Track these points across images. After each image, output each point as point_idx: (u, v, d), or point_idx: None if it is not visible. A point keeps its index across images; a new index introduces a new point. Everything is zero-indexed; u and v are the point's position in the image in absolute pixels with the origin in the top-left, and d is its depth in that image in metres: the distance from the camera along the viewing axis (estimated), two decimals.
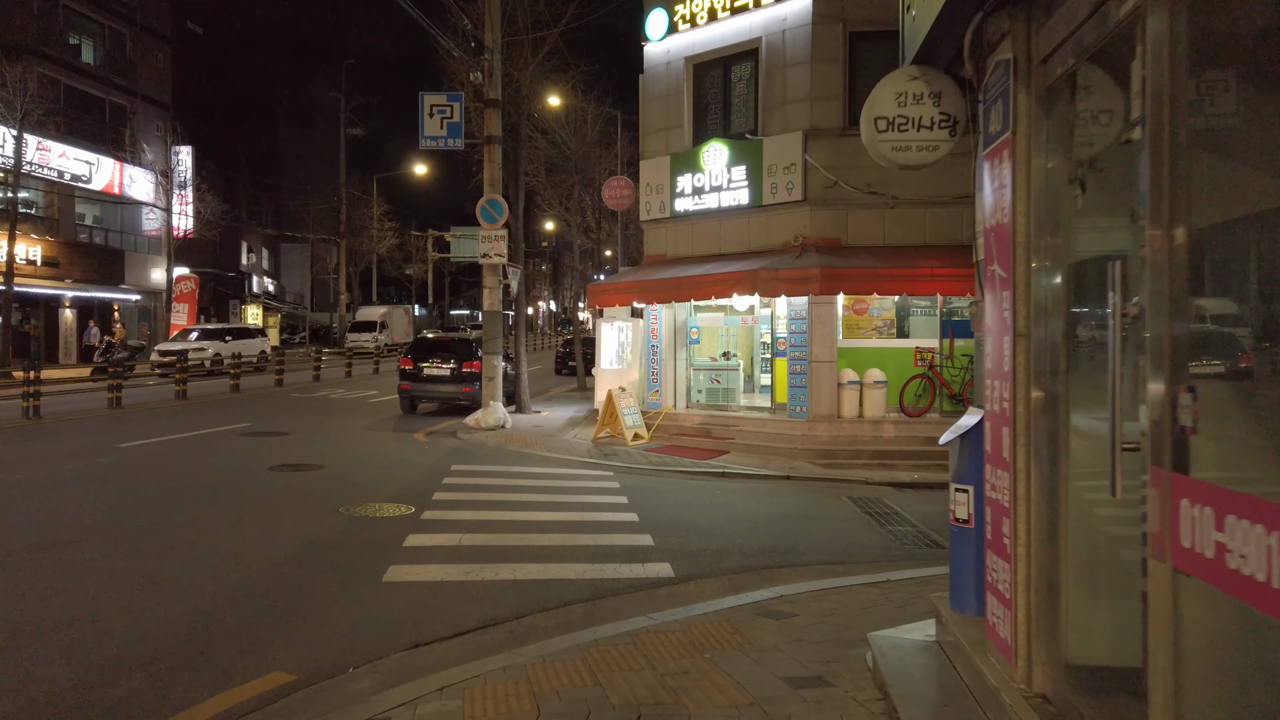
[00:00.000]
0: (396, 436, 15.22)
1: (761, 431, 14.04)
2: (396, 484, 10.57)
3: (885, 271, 12.59)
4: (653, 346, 15.89)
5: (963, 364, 13.82)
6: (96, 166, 32.06)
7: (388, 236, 51.28)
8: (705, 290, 13.66)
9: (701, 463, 12.88)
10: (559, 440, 14.91)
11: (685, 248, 15.60)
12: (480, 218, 16.21)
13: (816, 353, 13.69)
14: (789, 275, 12.81)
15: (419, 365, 18.62)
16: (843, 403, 13.80)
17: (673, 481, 11.63)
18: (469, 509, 9.18)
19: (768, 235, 14.36)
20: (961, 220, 13.65)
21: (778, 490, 11.33)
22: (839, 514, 9.84)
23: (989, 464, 3.97)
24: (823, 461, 13.00)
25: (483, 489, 10.43)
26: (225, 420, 16.68)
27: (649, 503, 9.91)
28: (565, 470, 12.20)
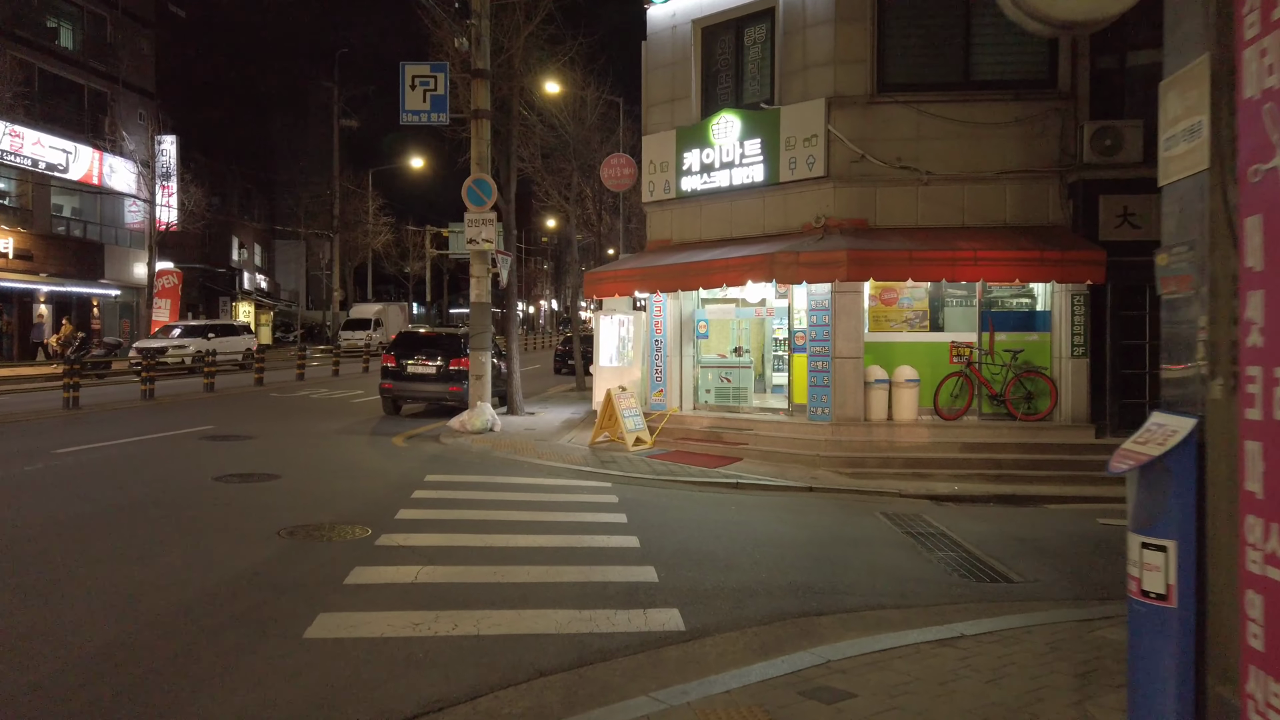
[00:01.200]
0: (372, 441, 13.72)
1: (778, 436, 12.52)
2: (358, 499, 9.07)
3: (921, 255, 11.06)
4: (656, 342, 14.38)
5: (1004, 360, 12.30)
6: (74, 155, 30.60)
7: (383, 231, 49.79)
8: (716, 277, 12.15)
9: (711, 471, 11.37)
10: (552, 445, 13.40)
11: (693, 232, 14.08)
12: (466, 199, 14.70)
13: (840, 348, 12.17)
14: (811, 259, 11.29)
15: (402, 362, 17.12)
16: (870, 404, 12.28)
17: (679, 494, 10.12)
18: (436, 531, 7.67)
19: (785, 216, 12.84)
20: (1004, 198, 12.13)
21: (800, 505, 9.81)
22: (877, 536, 8.32)
23: (1255, 514, 2.32)
24: (849, 471, 11.47)
25: (457, 504, 8.92)
26: (188, 423, 15.19)
27: (652, 522, 8.39)
28: (556, 481, 10.69)
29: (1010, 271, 11.03)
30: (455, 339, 17.29)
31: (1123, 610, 5.82)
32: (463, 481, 10.31)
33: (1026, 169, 12.04)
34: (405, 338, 17.92)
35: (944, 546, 7.95)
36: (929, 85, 12.18)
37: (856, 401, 12.15)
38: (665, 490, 10.37)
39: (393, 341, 18.15)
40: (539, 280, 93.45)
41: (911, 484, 10.99)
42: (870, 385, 12.28)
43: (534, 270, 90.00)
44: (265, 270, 53.68)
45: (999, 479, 11.18)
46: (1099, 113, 11.86)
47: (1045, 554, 7.82)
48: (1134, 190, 11.66)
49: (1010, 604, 6.13)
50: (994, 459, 11.53)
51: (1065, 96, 11.97)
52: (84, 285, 31.60)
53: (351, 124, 44.53)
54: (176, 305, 33.53)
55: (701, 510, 9.18)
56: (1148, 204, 11.64)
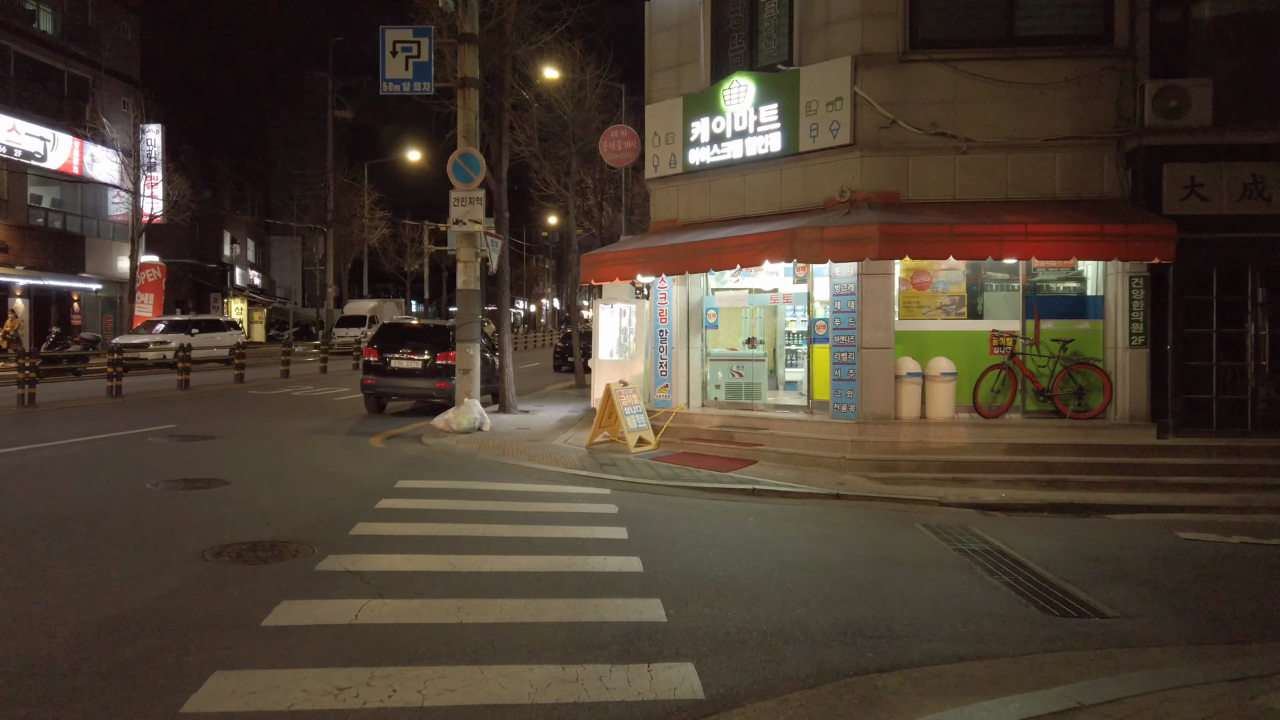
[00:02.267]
0: (346, 442, 12.39)
1: (797, 436, 11.17)
2: (312, 509, 7.74)
3: (965, 229, 9.71)
4: (661, 332, 13.04)
5: (1052, 351, 10.94)
6: (53, 143, 29.29)
7: (379, 226, 48.45)
8: (728, 257, 10.79)
9: (723, 476, 10.03)
10: (545, 446, 12.06)
11: (701, 210, 12.72)
12: (452, 175, 13.37)
13: (868, 337, 10.82)
14: (837, 235, 9.94)
15: (385, 357, 15.81)
16: (901, 400, 10.93)
17: (687, 503, 8.78)
18: (395, 550, 6.33)
19: (805, 190, 11.48)
20: (1053, 169, 10.77)
21: (829, 515, 8.47)
22: (924, 555, 6.97)
23: None
24: (879, 475, 10.12)
25: (427, 516, 7.57)
26: (149, 422, 13.87)
27: (657, 538, 7.04)
28: (547, 487, 9.35)
29: (1066, 248, 9.66)
30: (443, 331, 15.96)
31: (1274, 664, 4.48)
32: (438, 488, 8.97)
33: (1078, 135, 10.67)
34: (389, 330, 16.58)
35: (1007, 568, 6.61)
36: (968, 41, 10.81)
37: (886, 397, 10.80)
38: (671, 498, 9.03)
39: (375, 334, 16.83)
40: (541, 278, 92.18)
41: (952, 490, 9.64)
42: (901, 379, 10.93)
43: (535, 268, 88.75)
44: (260, 267, 52.42)
45: (1051, 485, 9.83)
46: (1161, 71, 10.50)
47: (1130, 578, 6.47)
48: (1202, 158, 10.31)
49: (1117, 651, 4.78)
50: (1044, 462, 10.18)
51: (1122, 53, 10.61)
52: (63, 279, 30.29)
53: (346, 115, 43.18)
54: (160, 300, 32.23)
55: (715, 523, 7.84)
56: (1218, 173, 10.29)
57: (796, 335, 15.12)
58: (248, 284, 48.53)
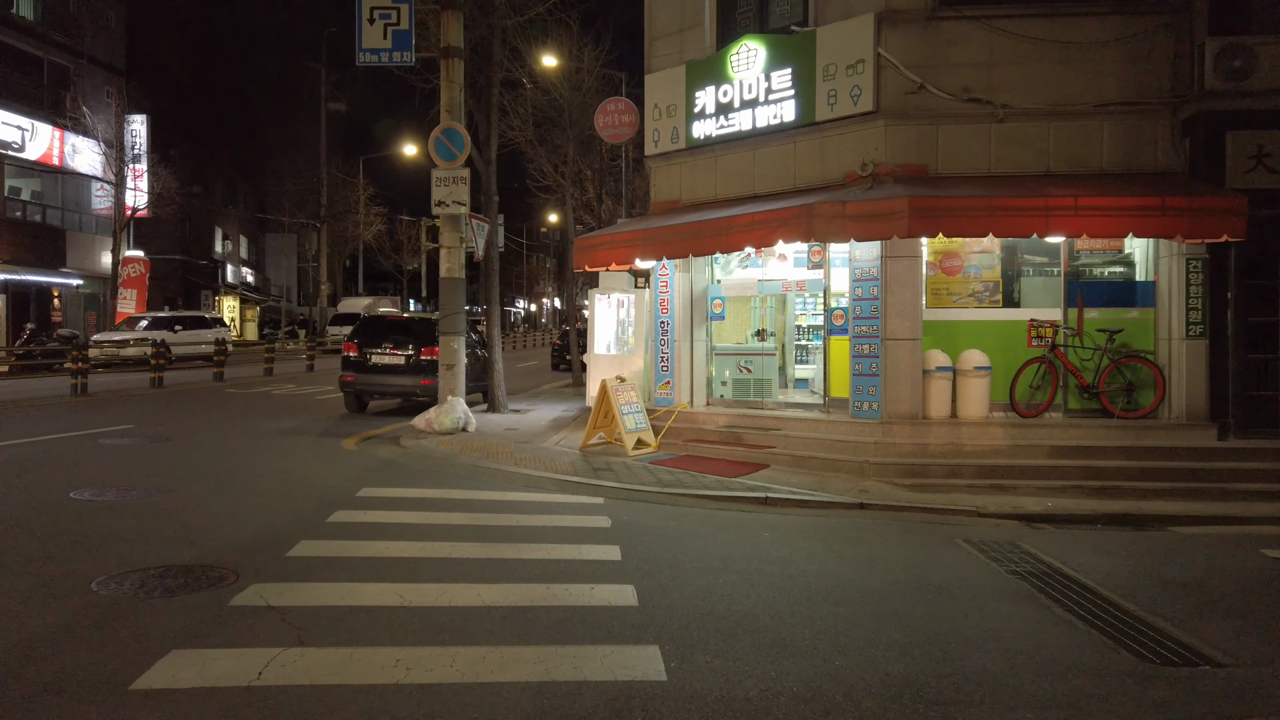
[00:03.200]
0: (316, 444, 11.26)
1: (813, 438, 10.03)
2: (252, 523, 6.61)
3: (1005, 202, 8.56)
4: (661, 324, 11.90)
5: (1098, 343, 9.80)
6: (31, 133, 28.20)
7: (375, 222, 47.30)
8: (737, 237, 9.64)
9: (731, 482, 8.90)
10: (534, 449, 10.93)
11: (705, 189, 11.58)
12: (434, 152, 12.23)
13: (893, 327, 9.68)
14: (861, 210, 8.80)
15: (366, 352, 14.68)
16: (929, 397, 9.79)
17: (692, 515, 7.63)
18: (337, 576, 5.20)
19: (822, 165, 10.35)
20: (1100, 138, 9.62)
21: (854, 529, 7.33)
22: (976, 579, 5.82)
23: None
24: (907, 482, 8.98)
25: (385, 532, 6.43)
26: (105, 422, 12.76)
27: (657, 559, 5.91)
28: (532, 496, 8.22)
29: (1122, 224, 8.52)
30: (429, 325, 14.83)
31: None
32: (406, 498, 7.83)
33: (1129, 101, 9.53)
34: (371, 323, 15.45)
35: (1077, 596, 5.47)
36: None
37: (913, 394, 9.66)
38: (673, 508, 7.89)
39: (355, 327, 15.70)
40: (542, 277, 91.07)
41: (991, 499, 8.51)
42: (930, 374, 9.80)
43: (536, 267, 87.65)
44: (254, 264, 51.32)
45: (1102, 493, 8.69)
46: (1221, 27, 9.34)
47: (1223, 608, 5.33)
48: (1271, 125, 9.16)
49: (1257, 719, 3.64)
50: (1093, 467, 9.03)
51: (1177, 8, 9.46)
52: (43, 274, 29.17)
53: (340, 107, 42.14)
54: (144, 295, 31.11)
55: (724, 539, 6.69)
56: None
57: (808, 330, 14.01)
58: (240, 281, 47.43)
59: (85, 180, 31.14)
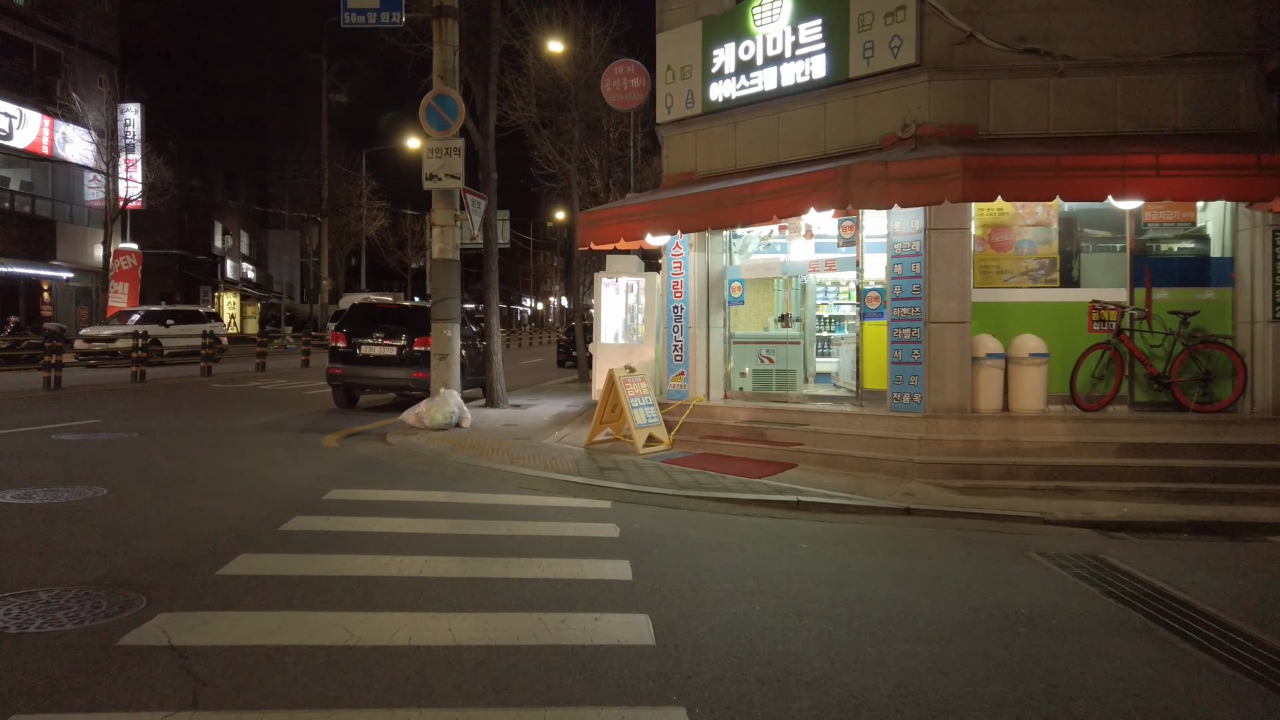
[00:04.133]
0: (294, 440, 10.20)
1: (847, 434, 8.90)
2: (192, 530, 5.52)
3: (1074, 161, 7.43)
4: (675, 309, 10.80)
5: (1169, 326, 8.66)
6: (19, 120, 27.26)
7: (378, 217, 46.26)
8: (762, 206, 8.52)
9: (755, 484, 7.80)
10: (534, 446, 9.83)
11: (724, 158, 10.46)
12: (425, 121, 11.15)
13: (937, 308, 8.56)
14: (906, 172, 7.67)
15: (355, 342, 13.61)
16: (979, 388, 8.67)
17: (714, 522, 6.52)
18: (271, 602, 4.11)
19: (856, 127, 9.22)
20: (1174, 94, 8.48)
21: (906, 539, 6.21)
22: (1073, 605, 4.70)
23: None
24: (958, 484, 7.86)
25: (347, 544, 5.33)
26: (69, 417, 11.73)
27: (675, 579, 4.80)
28: (528, 499, 7.12)
29: (1210, 185, 7.36)
30: (423, 313, 13.72)
31: None
32: (380, 501, 6.75)
33: (1207, 51, 8.38)
34: (360, 311, 14.37)
35: (1201, 628, 4.35)
36: None
37: (961, 384, 8.54)
38: (692, 513, 6.78)
39: (344, 315, 14.63)
40: (548, 275, 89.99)
41: (1057, 504, 7.38)
42: (979, 362, 8.67)
43: (543, 265, 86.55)
44: (255, 261, 50.38)
45: (1184, 497, 7.55)
46: None
47: None
48: None
49: None
50: (1170, 467, 7.89)
51: None
52: (32, 266, 28.23)
53: (341, 99, 41.14)
54: (136, 289, 30.10)
55: (755, 552, 5.58)
56: None
57: (829, 320, 12.94)
58: (241, 278, 46.47)
59: (77, 171, 30.20)
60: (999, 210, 9.07)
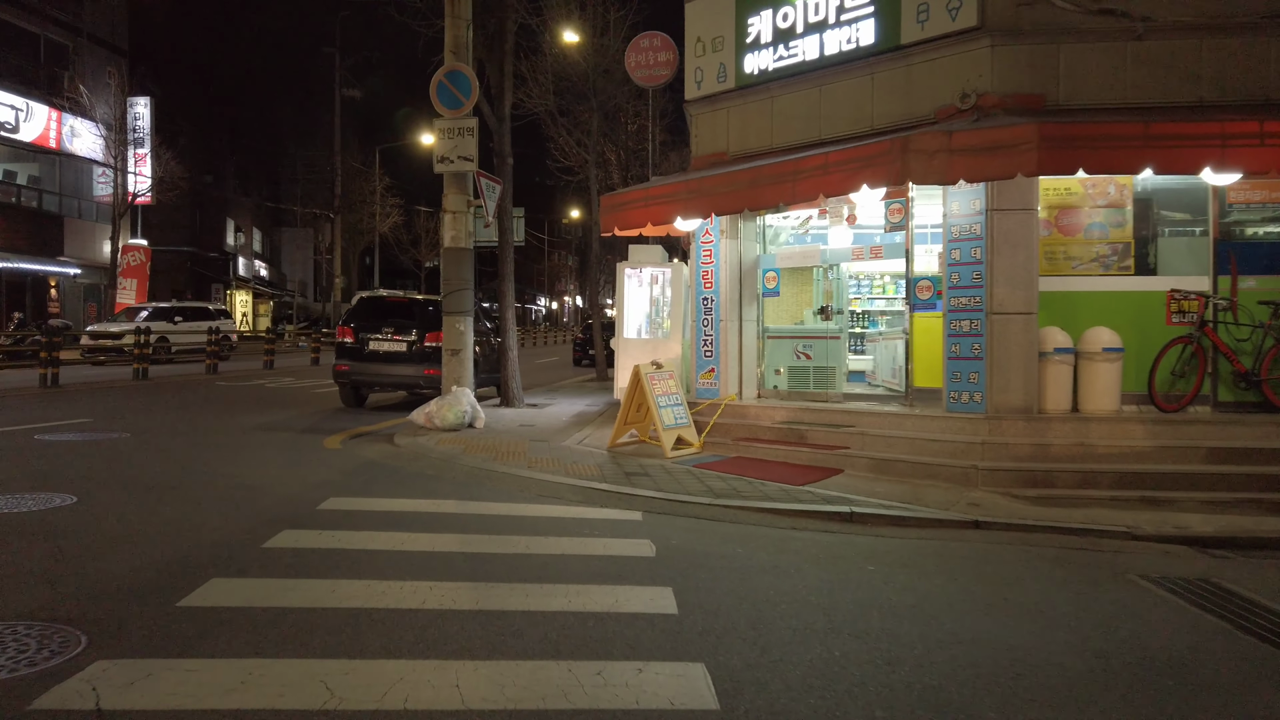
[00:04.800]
0: (294, 441, 9.46)
1: (897, 436, 8.06)
2: (161, 548, 4.76)
3: (1166, 129, 6.58)
4: (704, 301, 9.99)
5: (1259, 318, 7.79)
6: (26, 113, 26.73)
7: (391, 214, 45.61)
8: (806, 184, 7.68)
9: (799, 491, 6.99)
10: (553, 448, 9.05)
11: (759, 137, 9.64)
12: (436, 100, 10.39)
13: (1001, 298, 7.72)
14: (972, 142, 6.84)
15: (363, 337, 12.87)
16: (1046, 386, 7.82)
17: (760, 537, 5.70)
18: (233, 649, 3.32)
19: (908, 99, 8.39)
20: (1268, 59, 7.60)
21: (983, 558, 5.39)
22: (1212, 648, 3.86)
23: None
24: (1029, 493, 7.01)
25: (338, 566, 4.55)
26: (63, 416, 11.05)
27: (730, 611, 3.99)
28: (548, 510, 6.33)
29: None
30: (435, 307, 13.00)
31: None
32: (382, 511, 5.97)
33: None
34: (368, 305, 13.64)
35: None
36: None
37: (1027, 381, 7.69)
38: (733, 527, 5.97)
39: (351, 309, 13.90)
40: (563, 275, 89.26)
41: (1144, 516, 6.52)
42: (1046, 357, 7.82)
43: (558, 264, 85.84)
44: (268, 259, 49.87)
45: None
46: None
47: None
48: None
49: None
50: (1269, 475, 7.01)
51: None
52: (39, 262, 27.69)
53: (354, 94, 40.49)
54: (144, 285, 29.56)
55: (815, 576, 4.76)
56: None
57: (863, 316, 12.15)
58: (253, 275, 45.93)
59: (86, 166, 29.66)
60: (1066, 190, 8.22)
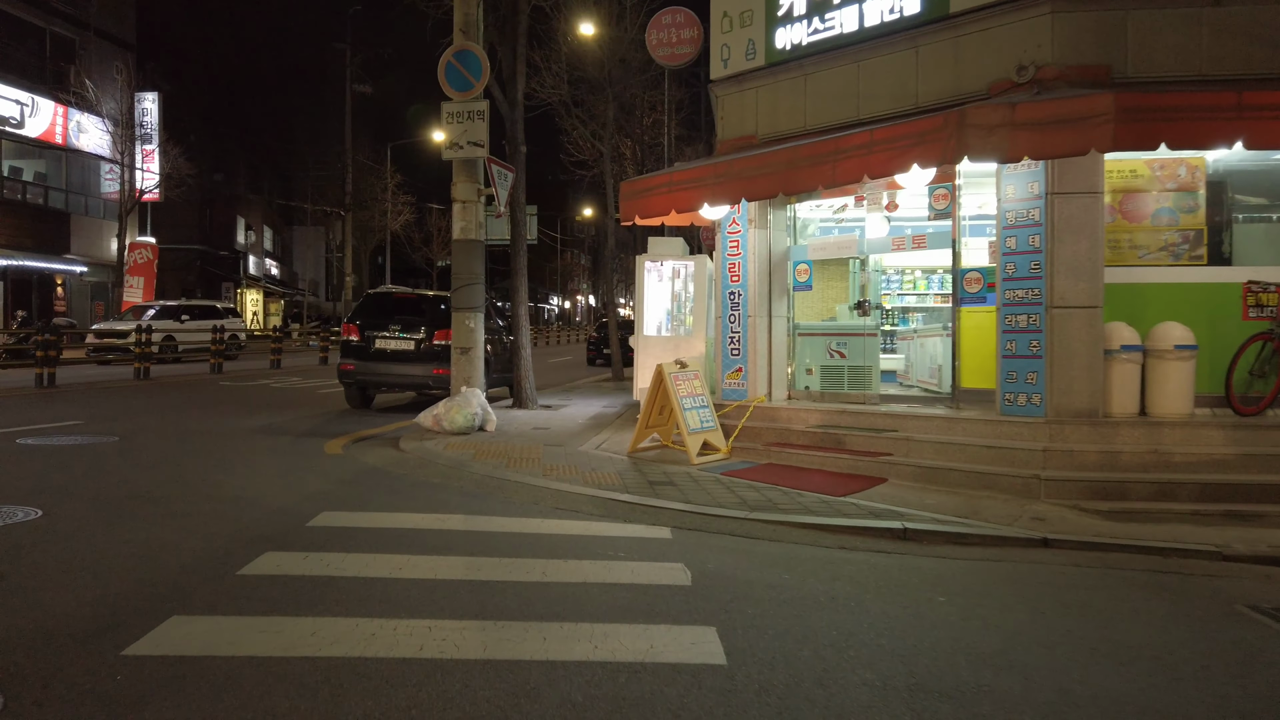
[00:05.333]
0: (293, 446, 8.83)
1: (946, 442, 7.36)
2: (120, 575, 4.12)
3: (1261, 98, 5.86)
4: (731, 295, 9.31)
5: None
6: (31, 108, 26.29)
7: (403, 212, 45.07)
8: (848, 165, 6.99)
9: (841, 503, 6.31)
10: (570, 453, 8.39)
11: (791, 118, 8.94)
12: (445, 81, 9.75)
13: (1062, 290, 7.01)
14: (1038, 115, 6.13)
15: (369, 335, 12.25)
16: (1112, 386, 7.11)
17: (806, 558, 5.02)
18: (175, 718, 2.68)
19: (956, 74, 7.68)
20: None
21: (1061, 586, 4.69)
22: None
23: None
24: (1101, 506, 6.30)
25: (323, 600, 3.89)
26: (52, 418, 10.48)
27: (791, 658, 3.32)
28: (566, 526, 5.66)
29: None
30: (445, 304, 12.36)
31: None
32: (380, 529, 5.31)
33: None
34: (375, 301, 13.02)
35: None
36: None
37: (1091, 382, 6.98)
38: (777, 547, 5.29)
39: (358, 306, 13.29)
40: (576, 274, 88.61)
41: (1233, 534, 5.80)
42: (1112, 355, 7.11)
43: (570, 263, 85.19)
44: (279, 257, 49.45)
45: None
46: None
47: None
48: None
49: None
50: None
51: None
52: (45, 260, 27.25)
53: (365, 90, 39.91)
54: (152, 283, 29.09)
55: (881, 613, 4.07)
56: None
57: (893, 313, 11.49)
58: (264, 274, 45.50)
59: (93, 162, 29.20)
60: (1131, 173, 7.51)
